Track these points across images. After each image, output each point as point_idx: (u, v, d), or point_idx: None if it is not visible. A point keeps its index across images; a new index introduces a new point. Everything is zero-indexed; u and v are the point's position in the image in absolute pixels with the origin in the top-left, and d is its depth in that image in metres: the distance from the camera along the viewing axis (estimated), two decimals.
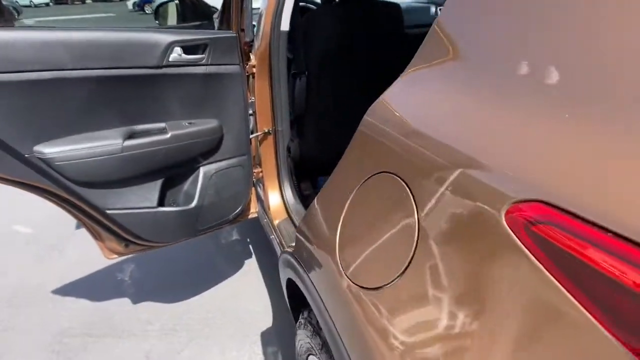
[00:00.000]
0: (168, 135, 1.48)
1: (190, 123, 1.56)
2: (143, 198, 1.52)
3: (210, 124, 1.60)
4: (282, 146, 1.91)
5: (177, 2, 2.69)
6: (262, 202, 2.09)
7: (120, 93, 1.38)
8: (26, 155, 1.23)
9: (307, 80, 1.91)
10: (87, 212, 1.46)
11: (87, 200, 1.40)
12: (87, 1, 19.50)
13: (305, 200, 2.03)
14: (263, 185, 2.03)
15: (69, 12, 16.76)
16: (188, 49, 1.47)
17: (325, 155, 2.22)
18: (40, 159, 1.25)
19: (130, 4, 17.58)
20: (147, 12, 16.35)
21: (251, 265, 2.54)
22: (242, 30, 1.65)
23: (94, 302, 2.27)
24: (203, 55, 1.50)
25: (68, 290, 2.38)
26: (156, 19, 2.71)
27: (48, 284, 2.41)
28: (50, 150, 1.26)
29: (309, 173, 2.30)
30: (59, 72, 1.20)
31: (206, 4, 2.68)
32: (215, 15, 2.87)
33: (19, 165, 1.23)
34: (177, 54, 1.43)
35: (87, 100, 1.30)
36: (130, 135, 1.43)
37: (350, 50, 1.93)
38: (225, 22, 1.74)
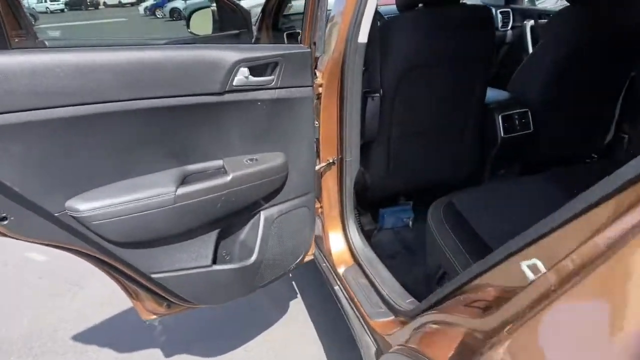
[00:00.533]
0: (229, 178, 1.17)
1: (252, 160, 1.25)
2: (195, 255, 1.22)
3: (276, 159, 1.29)
4: (349, 179, 1.60)
5: (213, 7, 2.40)
6: (320, 243, 1.78)
7: (172, 126, 1.08)
8: (56, 215, 0.93)
9: (381, 100, 1.60)
10: (126, 274, 1.16)
11: (129, 263, 1.09)
12: (100, 7, 19.42)
13: (368, 239, 1.72)
14: (322, 223, 1.72)
15: (84, 18, 16.66)
16: (255, 69, 1.16)
17: (397, 186, 1.92)
18: (73, 217, 0.95)
19: (141, 9, 17.43)
20: (158, 16, 16.20)
21: (298, 308, 2.22)
22: (314, 43, 1.34)
23: (120, 354, 1.97)
24: (272, 77, 1.19)
25: (89, 337, 2.07)
26: (188, 27, 2.41)
27: (65, 329, 2.11)
28: (86, 206, 0.96)
29: (370, 205, 1.99)
30: (101, 106, 0.90)
31: (245, 10, 2.38)
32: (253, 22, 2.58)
33: (48, 226, 0.93)
34: (243, 75, 1.12)
35: (131, 138, 1.00)
36: (184, 180, 1.12)
37: (437, 65, 1.62)
38: (265, 30, 1.44)
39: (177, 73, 1.01)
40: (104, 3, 19.52)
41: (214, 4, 2.42)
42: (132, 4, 18.72)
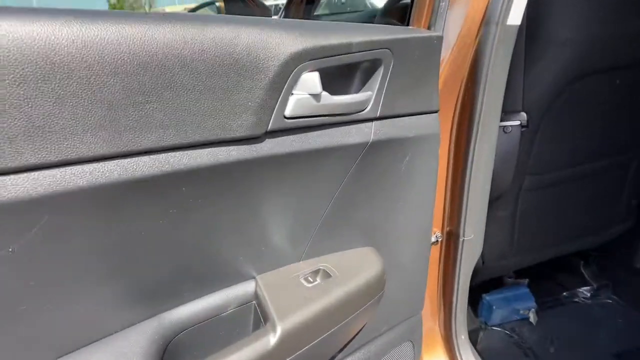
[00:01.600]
0: (274, 338, 0.49)
1: (316, 276, 0.57)
2: None
3: (365, 268, 0.61)
4: (464, 273, 0.91)
5: (219, 3, 1.76)
6: None
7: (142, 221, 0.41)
8: None
9: (523, 131, 0.92)
10: None
11: None
12: None
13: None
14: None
15: None
16: (329, 76, 0.49)
17: (518, 265, 1.22)
18: None
19: None
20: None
21: None
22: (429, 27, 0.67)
23: None
24: (367, 95, 0.52)
25: None
26: None
27: None
28: None
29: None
30: None
31: (264, 5, 1.73)
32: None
33: None
34: (306, 92, 0.45)
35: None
36: (165, 348, 0.46)
37: (613, 69, 0.93)
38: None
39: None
40: None
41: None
42: None
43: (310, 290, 0.55)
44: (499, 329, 1.28)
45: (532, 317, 1.28)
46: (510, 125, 0.90)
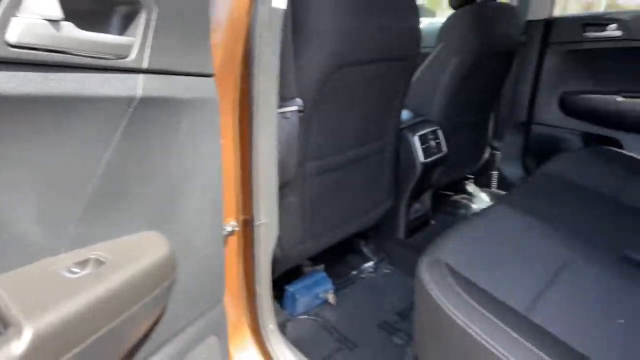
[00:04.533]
0: (20, 346, 0.36)
1: (84, 265, 0.46)
2: None
3: (149, 253, 0.53)
4: (263, 257, 0.91)
5: None
6: None
7: None
8: None
9: (301, 117, 0.98)
10: None
11: None
12: None
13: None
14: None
15: None
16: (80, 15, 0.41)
17: (314, 250, 1.28)
18: None
19: None
20: None
21: None
22: None
23: None
24: (130, 40, 0.46)
25: None
26: None
27: None
28: None
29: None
30: None
31: None
32: None
33: None
34: (39, 16, 0.36)
35: None
36: None
37: (368, 62, 1.09)
38: None
39: None
40: None
41: None
42: None
43: (75, 282, 0.43)
44: (305, 316, 1.32)
45: (331, 299, 1.37)
46: (289, 111, 0.95)
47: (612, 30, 1.74)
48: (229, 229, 0.86)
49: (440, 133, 1.56)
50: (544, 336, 0.75)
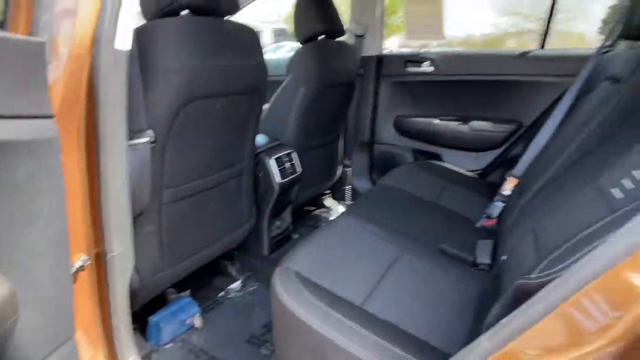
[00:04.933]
0: None
1: None
2: None
3: None
4: (120, 290, 0.92)
5: None
6: None
7: None
8: None
9: (153, 148, 1.01)
10: None
11: None
12: None
13: None
14: None
15: None
16: None
17: (174, 277, 1.28)
18: None
19: None
20: None
21: None
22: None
23: None
24: None
25: None
26: None
27: None
28: None
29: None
30: None
31: None
32: None
33: None
34: None
35: None
36: None
37: (217, 95, 1.17)
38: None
39: None
40: None
41: None
42: None
43: None
44: (170, 344, 1.32)
45: (198, 323, 1.39)
46: (140, 143, 0.98)
47: (427, 67, 2.14)
48: (79, 264, 0.85)
49: (294, 155, 1.71)
50: (375, 322, 0.92)
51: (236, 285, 1.62)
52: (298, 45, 1.80)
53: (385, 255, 1.16)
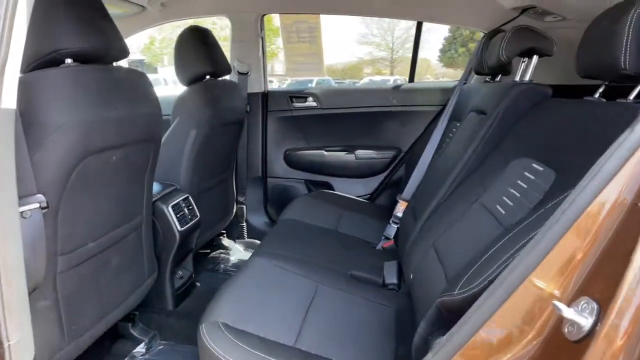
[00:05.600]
0: None
1: None
2: None
3: None
4: None
5: None
6: None
7: None
8: None
9: (45, 213, 0.88)
10: None
11: None
12: None
13: None
14: None
15: None
16: None
17: (77, 347, 1.11)
18: None
19: None
20: None
21: None
22: None
23: None
24: None
25: None
26: None
27: None
28: None
29: None
30: None
31: None
32: None
33: None
34: None
35: None
36: None
37: (112, 148, 1.07)
38: None
39: None
40: None
41: None
42: None
43: None
44: None
45: None
46: (29, 210, 0.86)
47: (311, 102, 2.28)
48: None
49: (191, 199, 1.65)
50: (310, 358, 0.94)
51: (140, 348, 1.47)
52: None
53: (303, 291, 1.19)
